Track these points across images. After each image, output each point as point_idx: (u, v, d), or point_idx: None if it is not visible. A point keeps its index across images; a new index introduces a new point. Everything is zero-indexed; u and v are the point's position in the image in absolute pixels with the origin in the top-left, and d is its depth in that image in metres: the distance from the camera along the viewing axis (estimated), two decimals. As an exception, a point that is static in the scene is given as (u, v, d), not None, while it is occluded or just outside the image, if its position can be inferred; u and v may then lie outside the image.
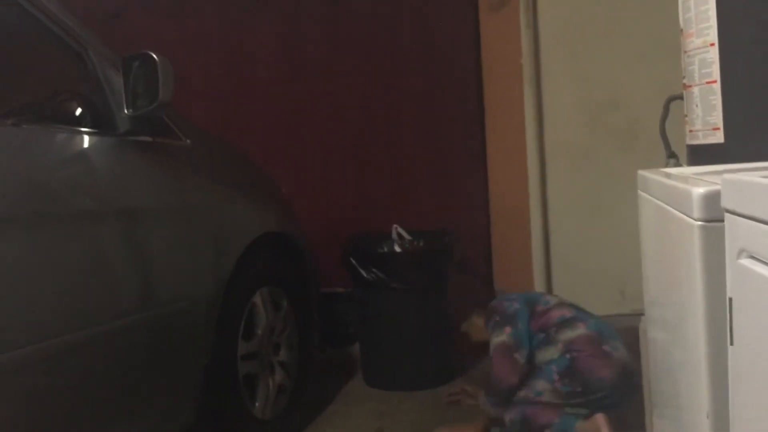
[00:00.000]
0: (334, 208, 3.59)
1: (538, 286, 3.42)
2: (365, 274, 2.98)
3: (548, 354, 2.32)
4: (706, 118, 1.67)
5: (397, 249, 3.00)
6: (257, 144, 3.41)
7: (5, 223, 1.48)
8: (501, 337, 2.38)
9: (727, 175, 0.78)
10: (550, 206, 3.48)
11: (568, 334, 2.29)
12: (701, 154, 1.69)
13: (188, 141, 2.19)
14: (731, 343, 0.78)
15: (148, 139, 1.99)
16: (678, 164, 1.89)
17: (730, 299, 0.77)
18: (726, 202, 0.79)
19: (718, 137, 1.63)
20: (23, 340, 1.49)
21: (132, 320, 1.82)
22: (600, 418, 2.13)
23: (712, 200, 0.87)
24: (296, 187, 3.38)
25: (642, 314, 2.43)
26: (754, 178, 0.73)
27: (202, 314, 2.09)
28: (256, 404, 2.34)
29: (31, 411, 1.52)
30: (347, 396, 2.96)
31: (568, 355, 2.24)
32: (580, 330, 2.28)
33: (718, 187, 0.86)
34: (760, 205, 0.70)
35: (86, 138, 1.81)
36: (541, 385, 2.25)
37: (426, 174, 3.57)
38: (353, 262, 3.02)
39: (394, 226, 3.13)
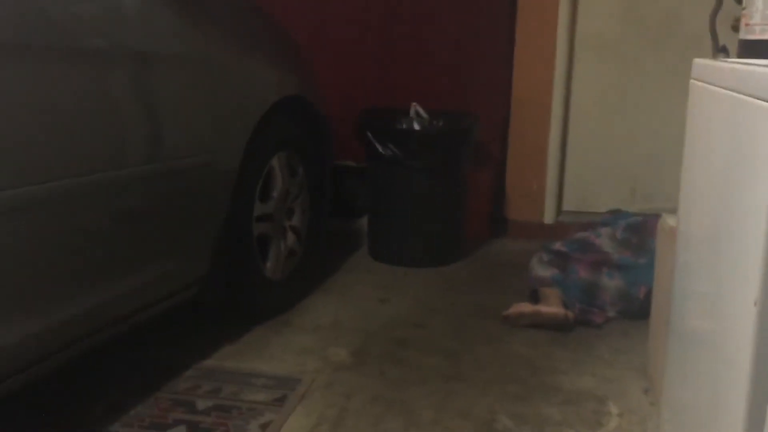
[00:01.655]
0: (352, 80, 3.51)
1: (551, 177, 3.41)
2: (381, 149, 2.95)
3: None
4: (766, 11, 1.59)
5: (416, 127, 2.95)
6: (278, 7, 3.28)
7: (10, 51, 1.40)
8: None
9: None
10: (573, 99, 3.42)
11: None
12: (756, 50, 1.62)
13: (214, -12, 2.09)
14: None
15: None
16: (728, 59, 1.82)
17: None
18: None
19: (777, 33, 1.56)
20: (23, 179, 1.42)
21: (150, 168, 1.80)
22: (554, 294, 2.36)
23: (799, 84, 0.83)
24: (316, 53, 3.28)
25: (655, 214, 2.46)
26: None
27: (221, 170, 2.07)
28: (267, 264, 2.36)
29: (45, 252, 1.52)
30: (353, 266, 3.00)
31: (640, 218, 2.51)
32: None
33: (807, 71, 0.82)
34: None
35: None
36: (604, 230, 2.49)
37: (450, 54, 3.46)
38: (369, 135, 2.98)
39: (413, 103, 3.07)
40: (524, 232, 3.40)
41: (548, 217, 3.42)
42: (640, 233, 2.44)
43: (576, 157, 3.47)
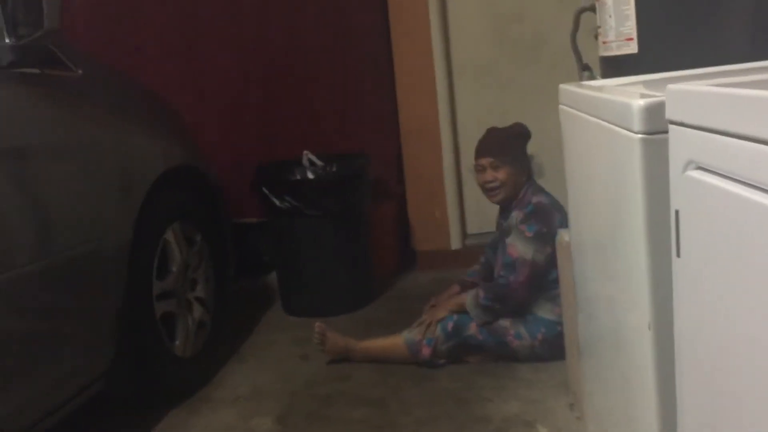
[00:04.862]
0: (240, 137, 3.46)
1: (451, 203, 3.46)
2: (278, 203, 2.91)
3: (545, 311, 2.30)
4: (619, 28, 1.67)
5: (310, 175, 2.93)
6: (153, 75, 3.21)
7: None
8: (541, 256, 2.27)
9: (672, 86, 0.77)
10: (459, 124, 3.49)
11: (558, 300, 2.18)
12: (615, 66, 1.70)
13: (80, 71, 2.02)
14: (678, 255, 0.78)
15: (35, 70, 1.83)
16: (592, 76, 1.89)
17: (677, 211, 0.77)
18: (671, 114, 0.77)
19: (632, 48, 1.63)
20: None
21: (33, 268, 1.70)
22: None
23: (653, 112, 0.85)
24: (199, 117, 3.22)
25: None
26: (703, 87, 0.72)
27: (111, 255, 1.99)
28: (176, 343, 2.27)
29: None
30: (267, 326, 2.93)
31: (559, 327, 2.16)
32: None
33: (658, 99, 0.85)
34: (711, 115, 0.69)
35: (-36, 72, 1.63)
36: (524, 333, 2.28)
37: (334, 97, 3.47)
38: (265, 191, 2.94)
39: (305, 152, 3.06)
40: (433, 261, 3.42)
41: (454, 244, 3.45)
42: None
43: (472, 180, 3.52)
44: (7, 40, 1.67)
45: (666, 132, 0.80)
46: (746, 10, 1.51)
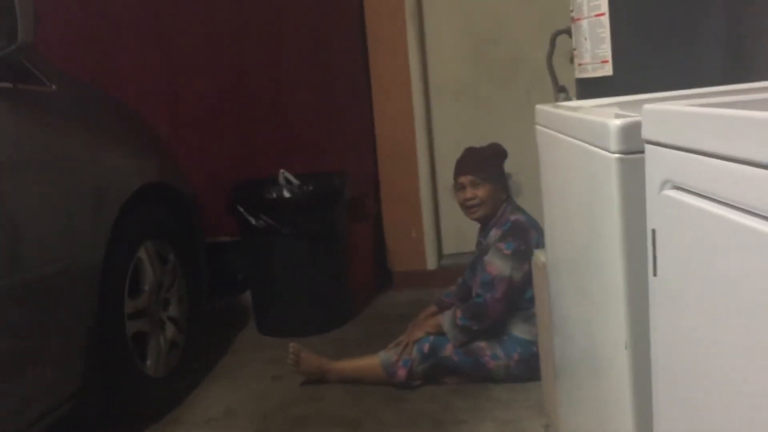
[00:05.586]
0: (216, 155, 3.44)
1: (427, 224, 3.46)
2: (254, 222, 2.89)
3: (521, 331, 2.30)
4: (595, 51, 1.69)
5: (286, 194, 2.92)
6: (130, 92, 3.19)
7: None
8: (518, 273, 2.27)
9: (648, 106, 0.77)
10: (436, 144, 3.50)
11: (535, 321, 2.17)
12: (591, 87, 1.71)
13: (54, 86, 2.00)
14: (654, 274, 0.78)
15: (8, 85, 1.80)
16: (568, 98, 1.91)
17: (653, 231, 0.77)
18: (648, 133, 0.78)
19: (607, 70, 1.65)
20: None
21: (1, 284, 1.67)
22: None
23: (630, 132, 0.86)
24: (175, 135, 3.21)
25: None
26: (679, 106, 0.72)
27: (82, 274, 1.95)
28: (147, 362, 2.23)
29: None
30: (241, 346, 2.89)
31: (535, 348, 2.17)
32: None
33: (635, 119, 0.85)
34: (686, 134, 0.69)
35: (-66, 85, 1.60)
36: (500, 353, 2.28)
37: (311, 116, 3.47)
38: (240, 209, 2.92)
39: (281, 170, 3.05)
40: (409, 281, 3.41)
41: (430, 264, 3.45)
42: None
43: (449, 200, 3.53)
44: (-21, 54, 1.65)
45: (642, 152, 0.81)
46: (719, 35, 1.53)
